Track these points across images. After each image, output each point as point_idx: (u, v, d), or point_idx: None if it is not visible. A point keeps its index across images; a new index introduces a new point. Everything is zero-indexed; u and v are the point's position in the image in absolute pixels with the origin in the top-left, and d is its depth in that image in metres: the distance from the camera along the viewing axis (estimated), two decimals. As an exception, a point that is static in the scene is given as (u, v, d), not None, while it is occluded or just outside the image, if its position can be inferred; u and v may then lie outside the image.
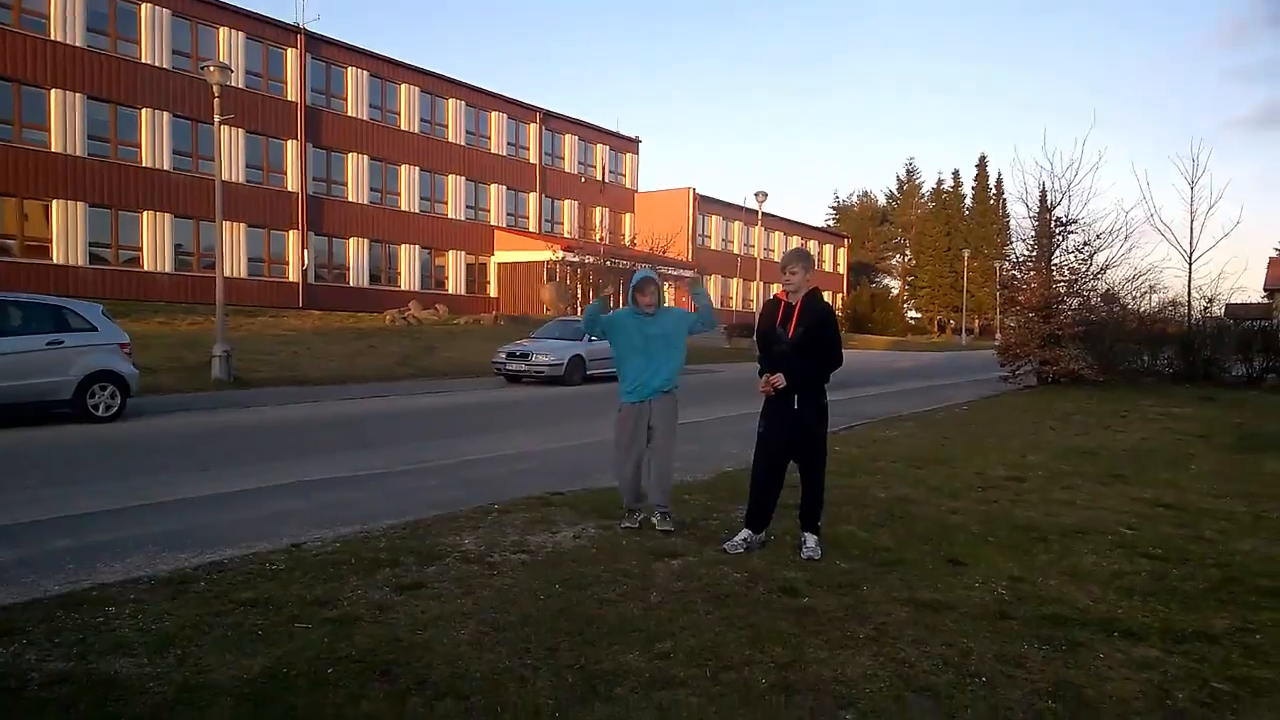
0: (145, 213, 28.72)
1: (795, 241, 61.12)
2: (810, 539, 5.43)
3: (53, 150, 26.60)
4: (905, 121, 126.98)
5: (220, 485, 7.68)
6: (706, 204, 52.15)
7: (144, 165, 28.67)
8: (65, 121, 26.79)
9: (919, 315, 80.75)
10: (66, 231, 26.89)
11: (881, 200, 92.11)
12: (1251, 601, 4.63)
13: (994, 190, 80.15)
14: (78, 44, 26.98)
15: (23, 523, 6.21)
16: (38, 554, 5.39)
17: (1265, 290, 47.75)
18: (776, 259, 57.45)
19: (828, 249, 66.16)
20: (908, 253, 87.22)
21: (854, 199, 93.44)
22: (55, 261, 26.61)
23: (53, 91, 26.53)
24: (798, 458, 5.48)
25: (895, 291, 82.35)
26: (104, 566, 5.04)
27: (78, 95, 26.99)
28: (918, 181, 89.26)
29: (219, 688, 3.36)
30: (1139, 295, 21.62)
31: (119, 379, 11.99)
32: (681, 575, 4.92)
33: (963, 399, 17.02)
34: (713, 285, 52.56)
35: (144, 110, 28.62)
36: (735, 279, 53.60)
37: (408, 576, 4.80)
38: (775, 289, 5.71)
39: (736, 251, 53.85)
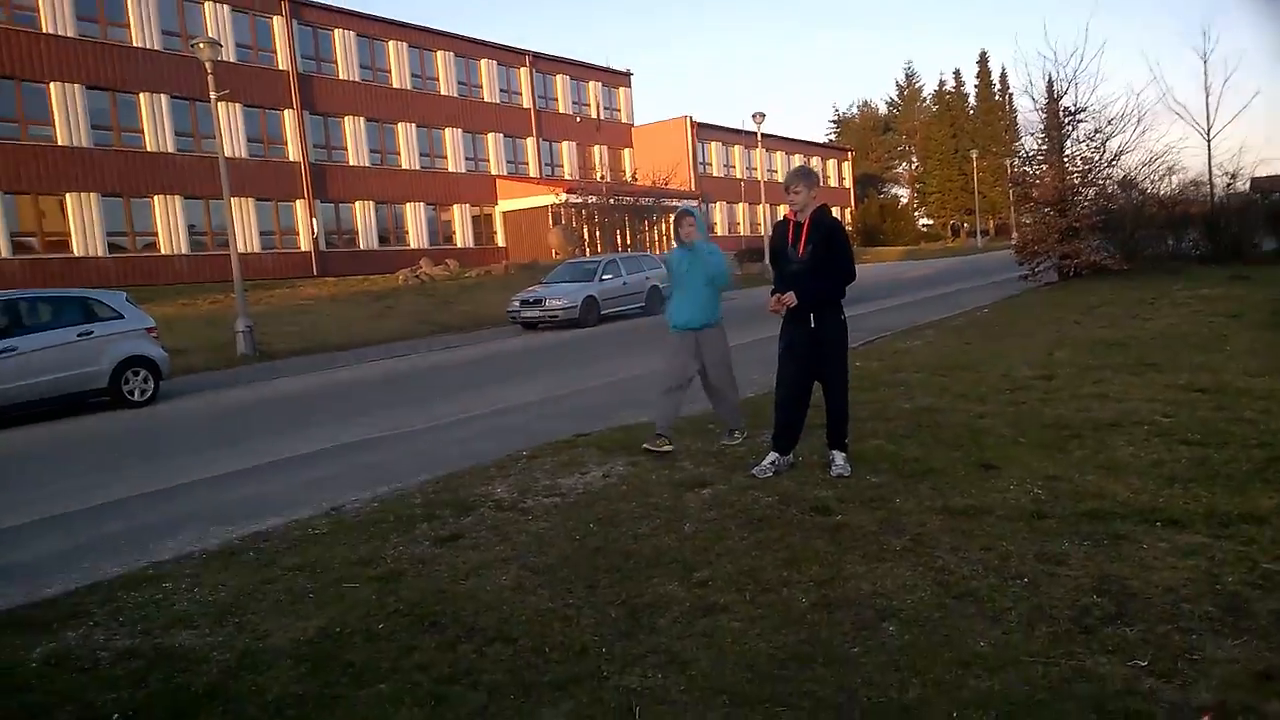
0: (156, 197, 28.66)
1: (798, 160, 60.11)
2: (839, 456, 5.41)
3: (60, 144, 26.48)
4: (900, 24, 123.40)
5: (257, 457, 7.77)
6: (705, 131, 51.26)
7: (149, 150, 28.52)
8: (68, 113, 26.61)
9: (931, 222, 79.61)
10: (83, 223, 26.93)
11: (883, 109, 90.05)
12: (1297, 478, 4.55)
13: (998, 86, 78.07)
14: (69, 34, 26.64)
15: (76, 510, 6.35)
16: (94, 539, 5.51)
17: (1286, 161, 46.46)
18: (780, 180, 56.57)
19: (831, 164, 65.05)
20: (914, 160, 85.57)
21: (855, 110, 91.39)
22: (75, 254, 26.70)
23: (52, 85, 26.30)
24: (819, 375, 5.43)
25: (905, 200, 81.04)
26: (157, 545, 5.15)
27: (76, 86, 26.75)
28: (918, 85, 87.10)
29: (279, 651, 3.43)
30: (1158, 179, 21.14)
31: (150, 363, 12.12)
32: (713, 504, 4.93)
33: (983, 302, 16.82)
34: (719, 212, 51.99)
35: (142, 94, 28.34)
36: (741, 204, 52.97)
37: (445, 529, 4.85)
38: (783, 209, 5.59)
39: (739, 176, 53.06)
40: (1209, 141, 21.37)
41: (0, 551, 5.45)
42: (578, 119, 44.73)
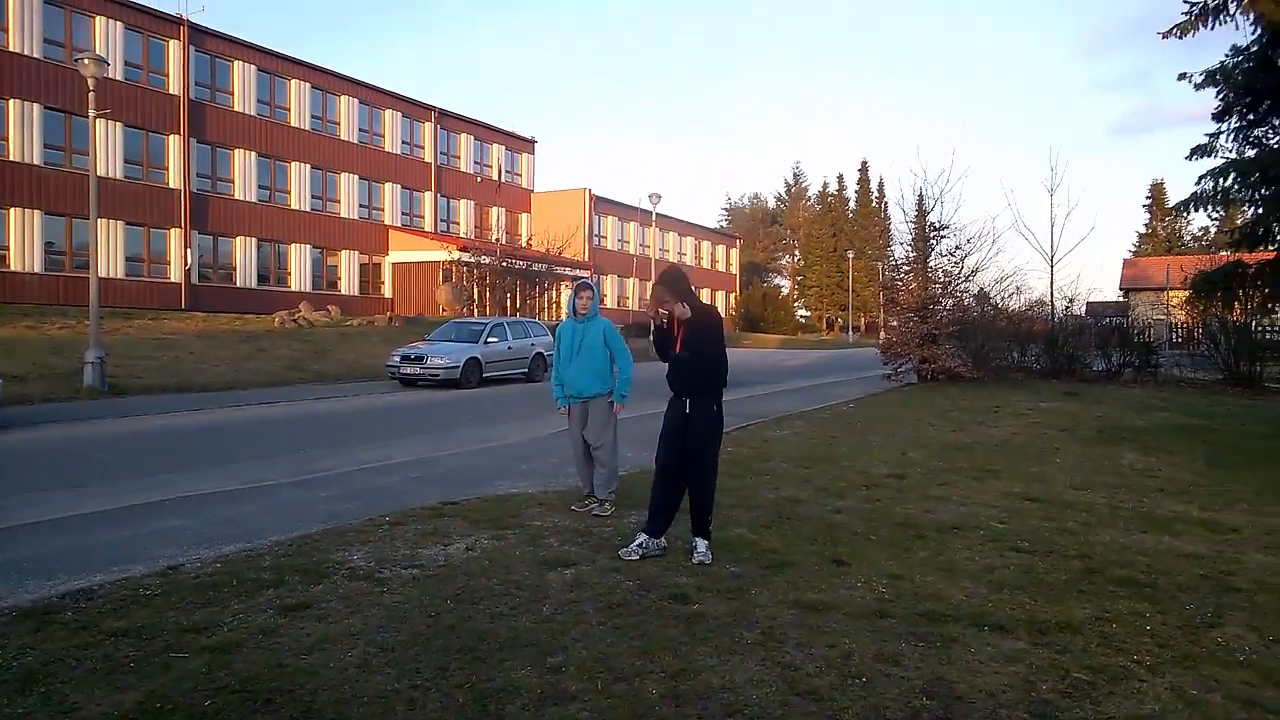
0: (12, 209, 26.79)
1: (689, 242, 61.86)
2: (700, 543, 5.47)
3: (-94, 142, 24.53)
4: (792, 127, 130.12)
5: (94, 503, 7.22)
6: (602, 204, 52.16)
7: (11, 159, 26.74)
8: (-80, 112, 24.73)
9: (809, 314, 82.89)
10: (-78, 229, 24.83)
11: (771, 202, 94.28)
12: (1109, 591, 4.91)
13: (876, 194, 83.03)
14: (-67, 29, 24.95)
15: None
16: (-117, 586, 4.94)
17: (1121, 290, 50.96)
18: (672, 258, 58.17)
19: (720, 249, 67.15)
20: (797, 253, 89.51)
21: (745, 201, 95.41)
22: (-90, 261, 24.56)
23: (-95, 79, 24.47)
24: (687, 461, 5.52)
25: (786, 291, 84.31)
26: (-41, 598, 4.67)
27: (-66, 84, 24.96)
28: (804, 185, 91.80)
29: (83, 728, 3.15)
30: (1007, 296, 22.77)
31: (-19, 389, 11.15)
32: (574, 585, 4.88)
33: (849, 396, 17.52)
34: (610, 285, 52.67)
35: (11, 101, 26.69)
36: (632, 278, 53.83)
37: (293, 597, 4.61)
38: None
39: (633, 251, 54.06)
40: (1052, 266, 23.27)
41: None
42: (478, 178, 44.79)
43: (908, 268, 22.68)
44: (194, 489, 7.84)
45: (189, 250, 31.34)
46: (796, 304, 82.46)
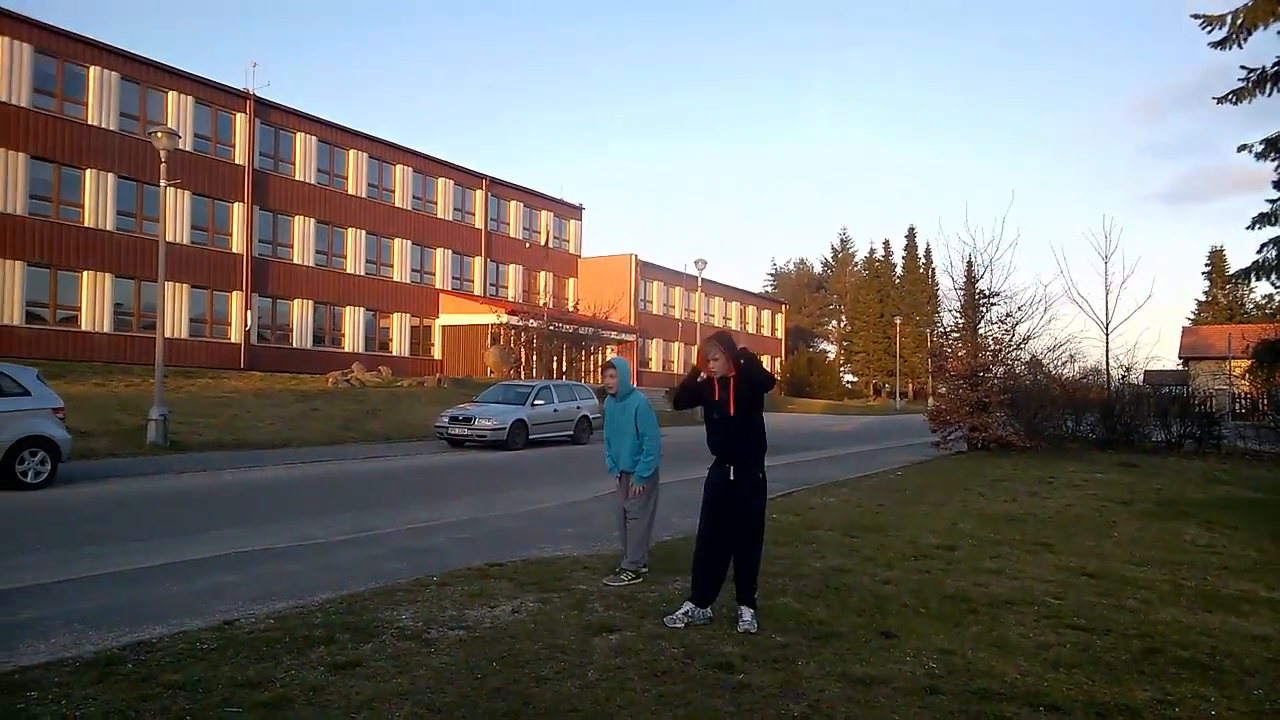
0: (85, 272, 28.02)
1: (734, 307, 62.09)
2: (746, 612, 5.43)
3: (-9, 208, 25.91)
4: (838, 193, 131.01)
5: (153, 557, 7.41)
6: (648, 270, 52.78)
7: (86, 225, 28.06)
8: (6, 180, 26.17)
9: (855, 379, 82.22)
10: (2, 290, 26.05)
11: (817, 268, 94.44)
12: (1171, 673, 4.74)
13: (923, 260, 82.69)
14: (22, 104, 26.52)
15: (-60, 600, 5.92)
16: (-45, 634, 5.13)
17: (1180, 359, 49.82)
18: (717, 324, 58.39)
19: (766, 314, 67.28)
20: (843, 318, 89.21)
21: (791, 266, 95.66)
22: (-12, 320, 25.72)
23: (-6, 150, 25.95)
24: (733, 529, 5.51)
25: (832, 356, 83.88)
26: (28, 646, 4.83)
27: (20, 155, 26.44)
28: (851, 250, 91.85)
29: (143, 780, 3.22)
30: (1061, 364, 22.38)
31: (50, 444, 11.59)
32: (619, 651, 4.87)
33: (897, 464, 17.29)
34: (655, 348, 52.96)
35: (88, 170, 28.13)
36: (677, 342, 54.07)
37: (343, 655, 4.68)
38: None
39: (678, 316, 54.42)
40: (1107, 334, 22.84)
41: None
42: (527, 244, 45.74)
43: (957, 334, 22.52)
44: (248, 545, 8.01)
45: (249, 312, 32.36)
46: (843, 369, 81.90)
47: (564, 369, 36.81)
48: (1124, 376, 22.82)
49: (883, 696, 4.26)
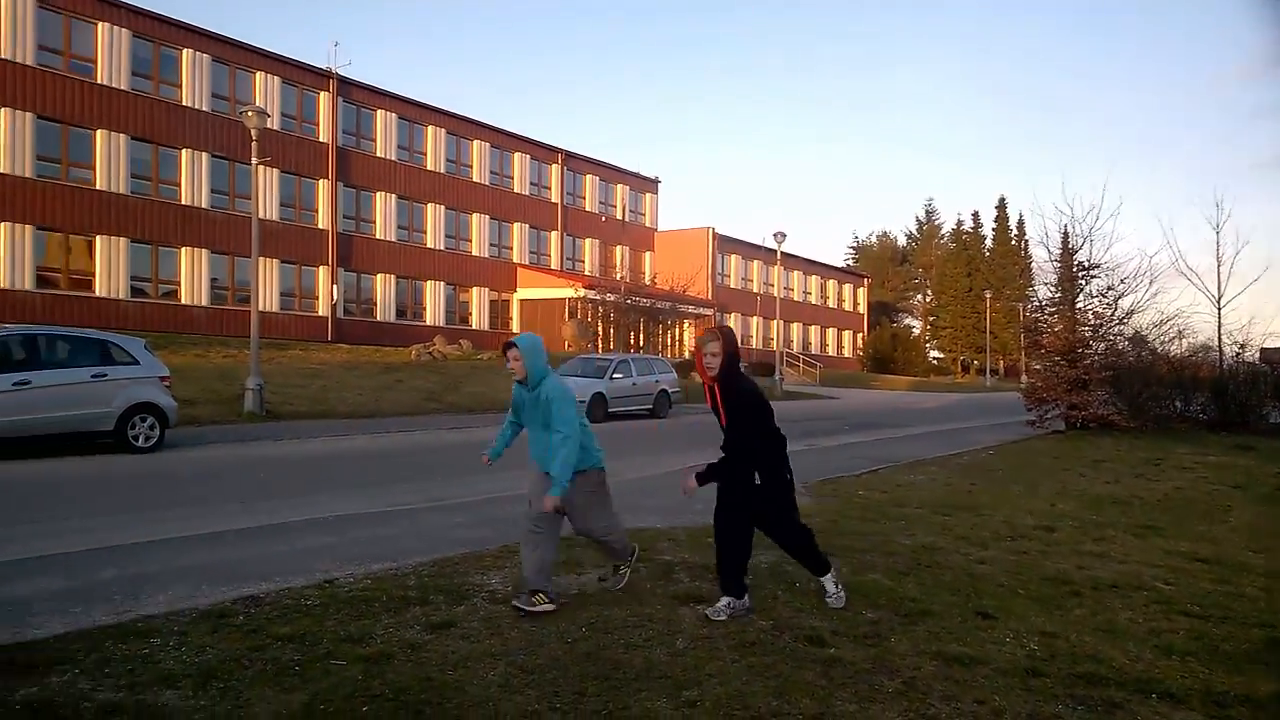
0: (183, 248, 29.32)
1: (814, 281, 61.20)
2: (827, 582, 5.36)
3: (97, 188, 27.28)
4: (924, 162, 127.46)
5: (254, 519, 7.78)
6: (726, 243, 52.43)
7: (183, 203, 29.32)
8: (110, 160, 27.51)
9: (942, 355, 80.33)
10: (109, 265, 27.50)
11: (901, 240, 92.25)
12: (1296, 664, 4.54)
13: (1015, 232, 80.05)
14: (122, 87, 27.76)
15: (72, 552, 6.37)
16: (87, 583, 5.51)
17: (1296, 335, 47.19)
18: (796, 298, 57.78)
19: (847, 288, 66.18)
20: (929, 293, 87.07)
21: (873, 239, 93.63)
22: (98, 294, 27.16)
23: (99, 132, 27.28)
24: (759, 522, 5.19)
25: (916, 331, 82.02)
26: (148, 598, 5.14)
27: (122, 136, 27.73)
28: (937, 222, 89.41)
29: (258, 725, 3.42)
30: (1168, 340, 21.40)
31: (159, 411, 12.25)
32: (706, 621, 4.92)
33: (989, 443, 16.88)
34: (732, 323, 52.73)
35: (184, 150, 29.34)
36: (755, 317, 53.69)
37: (437, 615, 4.85)
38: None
39: (756, 290, 53.99)
40: (1219, 309, 21.71)
41: (-11, 587, 5.44)
42: (603, 218, 45.93)
43: (1053, 309, 21.73)
44: (342, 509, 8.33)
45: (335, 286, 33.40)
46: (928, 345, 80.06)
47: (641, 343, 36.96)
48: (1238, 354, 21.69)
49: (981, 676, 4.20)
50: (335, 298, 33.42)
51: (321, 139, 33.42)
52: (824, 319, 61.74)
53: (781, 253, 36.53)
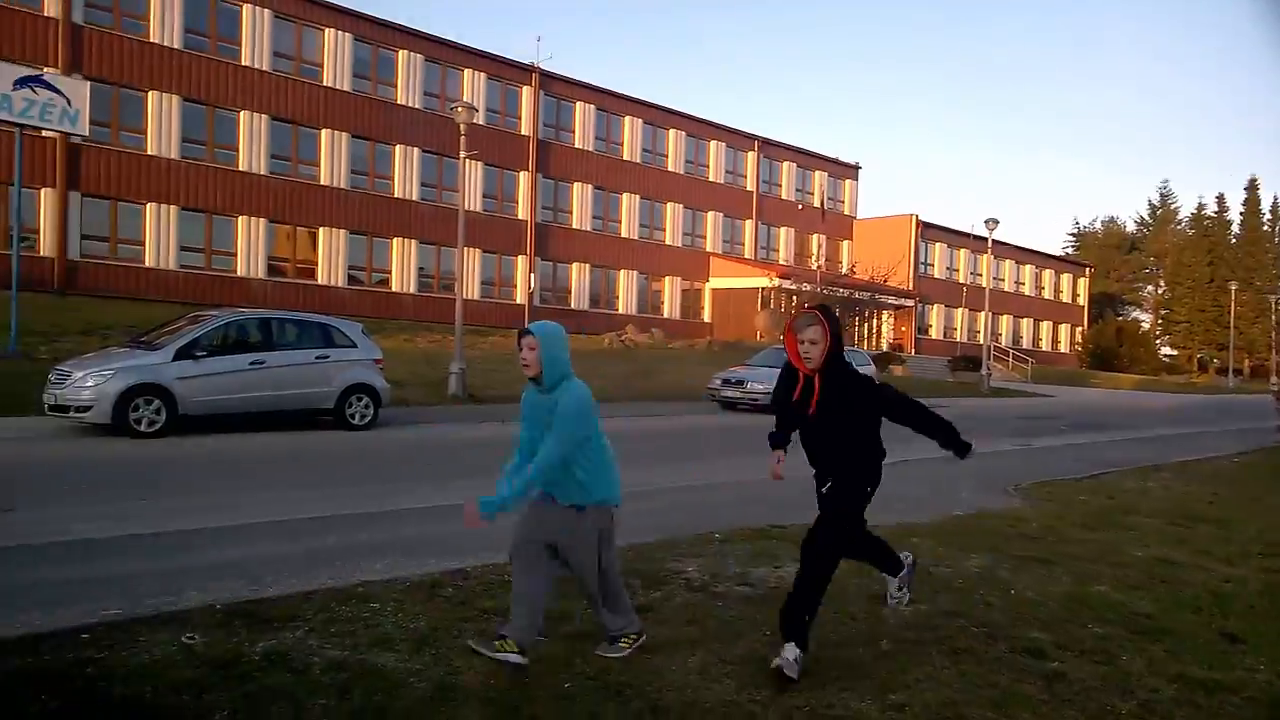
0: (395, 239, 31.60)
1: (1028, 270, 57.48)
2: (892, 586, 4.91)
3: (321, 183, 29.89)
4: (1159, 141, 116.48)
5: (459, 495, 8.22)
6: (930, 231, 50.23)
7: (395, 196, 31.58)
8: (332, 157, 30.07)
9: (1175, 353, 73.36)
10: (330, 255, 30.11)
11: (1130, 226, 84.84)
12: None
13: (1268, 216, 71.79)
14: (345, 88, 30.22)
15: (301, 519, 7.00)
16: (313, 548, 6.05)
17: None
18: (1007, 288, 54.46)
19: (1065, 278, 61.67)
20: (1161, 283, 79.59)
21: (1097, 225, 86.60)
22: (319, 282, 29.81)
23: (323, 131, 29.86)
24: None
25: (1146, 325, 75.24)
26: (367, 565, 5.57)
27: (344, 134, 30.22)
28: (1174, 206, 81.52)
29: (470, 691, 3.61)
30: None
31: (373, 391, 13.25)
32: (912, 624, 4.73)
33: (1231, 450, 15.25)
34: (935, 315, 50.53)
35: (397, 146, 31.57)
36: (960, 309, 51.16)
37: (635, 600, 4.92)
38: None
39: (962, 280, 51.42)
40: None
41: (232, 546, 6.08)
42: (799, 206, 45.26)
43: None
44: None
45: (532, 275, 34.90)
46: (1159, 340, 73.27)
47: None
48: None
49: (1229, 705, 3.80)
50: (532, 286, 34.93)
51: (523, 132, 34.95)
52: (1037, 311, 57.90)
53: (992, 240, 34.57)
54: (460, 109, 19.30)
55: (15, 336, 16.77)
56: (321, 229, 29.96)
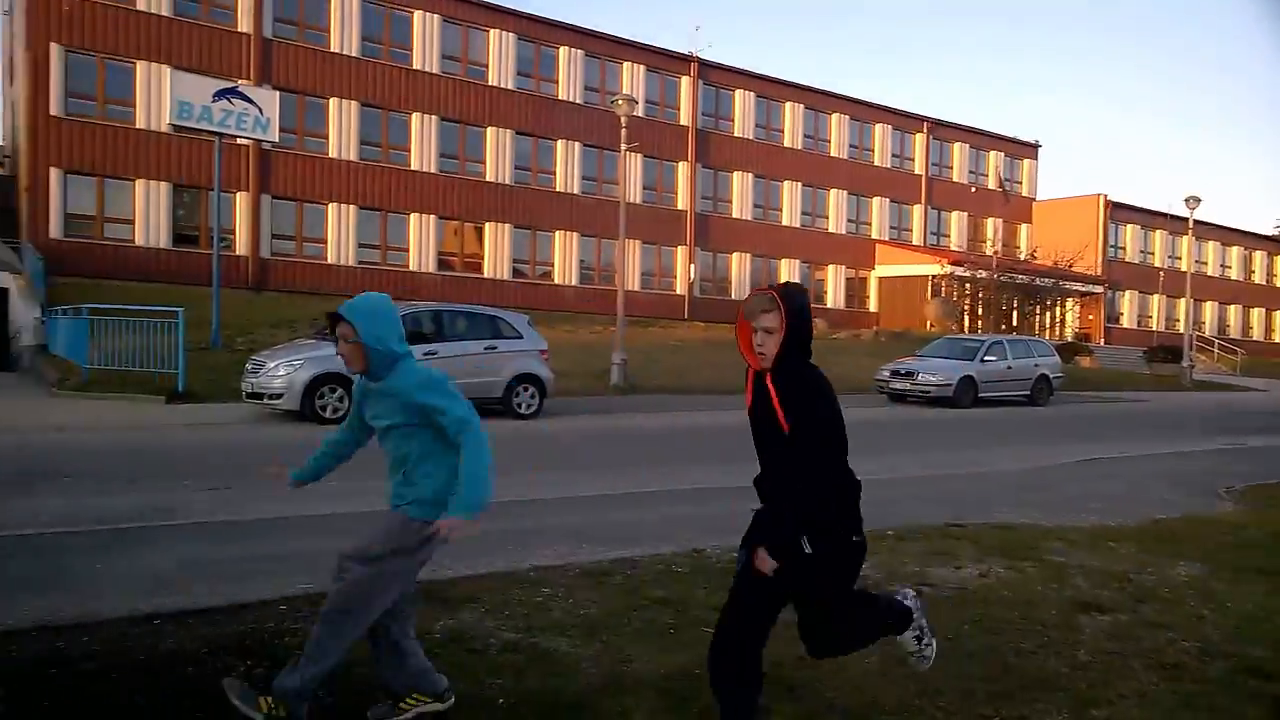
0: (557, 232, 32.46)
1: (1235, 253, 52.52)
2: (909, 641, 3.31)
3: (487, 179, 31.08)
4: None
5: (623, 485, 8.38)
6: (1120, 212, 46.79)
7: (557, 190, 32.42)
8: (497, 155, 31.20)
9: None
10: (496, 249, 31.30)
11: (1363, 200, 75.90)
12: None
13: None
14: (509, 87, 31.28)
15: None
16: (486, 531, 6.25)
17: None
18: (1211, 272, 49.98)
19: (1281, 260, 55.99)
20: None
21: (1322, 200, 78.00)
22: (485, 275, 31.04)
23: (488, 129, 31.02)
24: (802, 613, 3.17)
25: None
26: (538, 550, 5.73)
27: (508, 132, 31.28)
28: None
29: (642, 679, 3.63)
30: None
31: (539, 381, 13.70)
32: (1113, 634, 4.40)
33: None
34: (1127, 302, 47.11)
35: (559, 141, 32.39)
36: (1156, 295, 47.41)
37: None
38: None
39: (1158, 264, 47.63)
40: None
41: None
42: (972, 189, 43.23)
43: None
44: (700, 481, 8.68)
45: (692, 265, 35.01)
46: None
47: (1015, 323, 34.38)
48: None
49: None
50: (692, 277, 35.04)
51: (682, 122, 35.08)
52: (1247, 297, 52.86)
53: (1193, 220, 31.84)
54: (621, 101, 19.58)
55: (217, 330, 18.36)
56: (488, 224, 31.16)
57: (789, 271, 37.73)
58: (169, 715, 3.23)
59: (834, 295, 39.03)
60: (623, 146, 19.76)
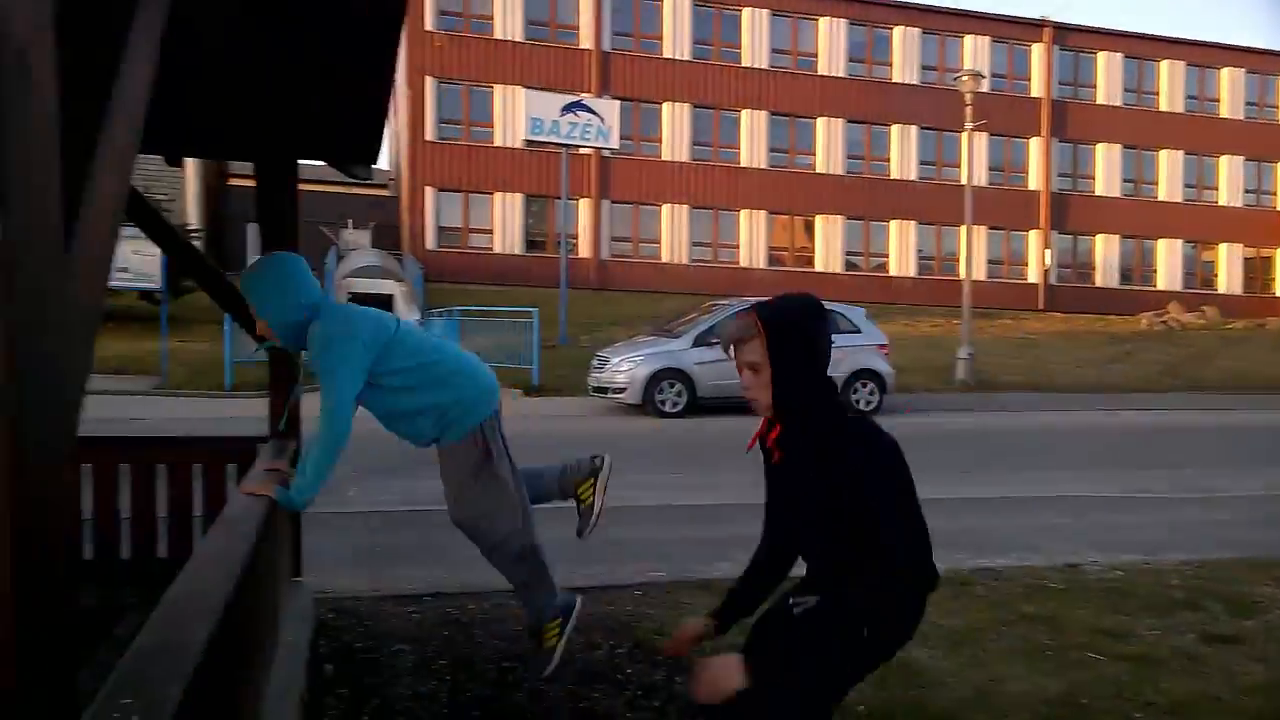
0: (892, 222, 31.39)
1: None
2: None
3: (817, 172, 30.83)
4: None
5: (979, 489, 7.84)
6: None
7: (892, 178, 31.35)
8: (829, 145, 30.84)
9: None
10: (827, 242, 30.97)
11: None
12: None
13: None
14: (840, 74, 30.76)
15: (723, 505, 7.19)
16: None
17: None
18: None
19: None
20: None
21: None
22: (816, 269, 30.80)
23: (818, 120, 30.75)
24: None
25: None
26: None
27: (839, 121, 30.79)
28: None
29: (1016, 701, 3.34)
30: None
31: (878, 377, 13.36)
32: None
33: None
34: None
35: (893, 126, 31.28)
36: None
37: (1216, 626, 4.20)
38: None
39: None
40: None
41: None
42: None
43: None
44: (1069, 489, 7.90)
45: (1047, 251, 32.22)
46: None
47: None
48: None
49: None
50: (1048, 263, 32.23)
51: (1034, 94, 32.40)
52: None
53: None
54: (965, 78, 18.53)
55: (565, 328, 19.96)
56: (818, 217, 30.90)
57: (1167, 253, 33.47)
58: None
59: (1227, 279, 33.96)
60: (968, 125, 18.63)
